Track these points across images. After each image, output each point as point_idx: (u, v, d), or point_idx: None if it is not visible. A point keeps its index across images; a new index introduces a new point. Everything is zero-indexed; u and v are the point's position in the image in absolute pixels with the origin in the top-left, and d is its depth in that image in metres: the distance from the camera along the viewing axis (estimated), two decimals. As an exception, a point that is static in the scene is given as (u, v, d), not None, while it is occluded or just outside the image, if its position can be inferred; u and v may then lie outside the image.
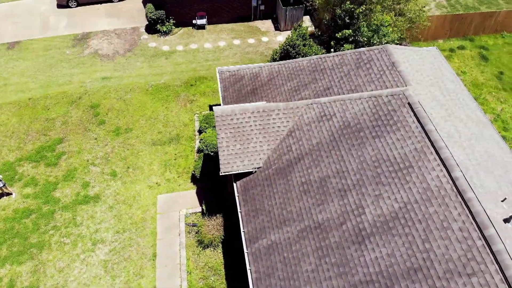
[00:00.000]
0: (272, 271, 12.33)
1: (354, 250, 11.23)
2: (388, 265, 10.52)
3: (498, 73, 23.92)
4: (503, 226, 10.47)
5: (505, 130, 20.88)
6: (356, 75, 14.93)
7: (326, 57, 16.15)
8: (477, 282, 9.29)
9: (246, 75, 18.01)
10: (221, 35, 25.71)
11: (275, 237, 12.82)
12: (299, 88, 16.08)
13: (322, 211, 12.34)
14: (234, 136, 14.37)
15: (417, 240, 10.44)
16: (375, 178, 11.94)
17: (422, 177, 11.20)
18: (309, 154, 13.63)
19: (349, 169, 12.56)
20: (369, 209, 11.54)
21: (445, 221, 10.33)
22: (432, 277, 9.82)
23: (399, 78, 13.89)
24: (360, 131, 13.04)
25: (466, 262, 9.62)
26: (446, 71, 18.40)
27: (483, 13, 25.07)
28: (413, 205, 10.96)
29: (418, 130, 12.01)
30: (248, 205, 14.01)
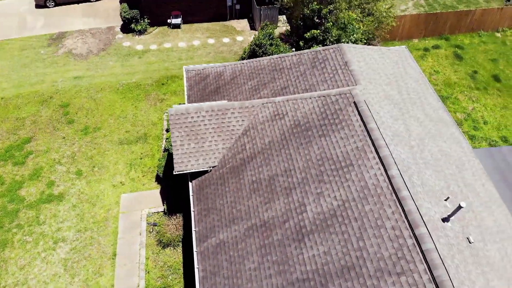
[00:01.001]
0: (218, 269, 12.34)
1: (294, 248, 11.23)
2: (324, 263, 10.52)
3: (472, 72, 23.87)
4: (440, 225, 10.46)
5: (475, 130, 20.84)
6: (311, 74, 14.93)
7: (285, 56, 16.15)
8: (405, 281, 9.28)
9: (211, 74, 18.02)
10: (196, 34, 25.74)
11: (224, 236, 12.82)
12: (259, 87, 16.08)
13: (269, 209, 12.34)
14: (188, 135, 14.38)
15: (352, 238, 10.44)
16: (318, 176, 11.94)
17: (360, 175, 11.20)
18: (261, 153, 13.64)
19: (295, 167, 12.56)
20: (311, 207, 11.54)
21: (379, 219, 10.32)
22: (364, 275, 9.82)
23: (350, 77, 13.88)
24: (308, 130, 13.04)
25: (396, 261, 9.61)
26: (411, 70, 18.39)
27: (458, 12, 25.02)
28: (350, 203, 10.96)
29: (361, 129, 12.00)
30: (201, 204, 14.02)
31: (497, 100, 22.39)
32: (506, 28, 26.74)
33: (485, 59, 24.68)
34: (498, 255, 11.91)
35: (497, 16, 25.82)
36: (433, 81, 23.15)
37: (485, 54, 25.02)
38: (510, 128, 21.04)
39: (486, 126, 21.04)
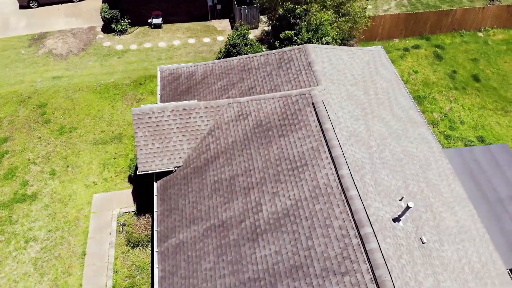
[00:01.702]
0: (176, 269, 12.36)
1: (248, 247, 11.24)
2: (274, 263, 10.53)
3: (452, 72, 23.83)
4: (389, 225, 10.46)
5: (451, 129, 20.80)
6: (277, 74, 14.93)
7: (253, 56, 16.16)
8: (348, 281, 9.28)
9: (183, 73, 18.04)
10: (176, 34, 25.76)
11: (183, 236, 12.84)
12: (228, 87, 16.10)
13: (227, 210, 12.35)
14: (152, 135, 14.40)
15: (302, 237, 10.44)
16: (275, 176, 11.95)
17: (313, 175, 11.20)
18: (224, 153, 13.64)
19: (255, 167, 12.57)
20: (266, 207, 11.55)
21: (328, 218, 10.32)
22: (310, 275, 9.82)
23: (313, 77, 13.87)
24: (269, 130, 13.04)
25: (341, 261, 9.61)
26: (384, 70, 18.39)
27: (438, 12, 24.98)
28: (302, 202, 10.96)
29: (317, 129, 12.00)
30: (165, 204, 14.04)
31: (475, 100, 22.34)
32: (489, 28, 26.69)
33: (465, 59, 24.63)
34: (456, 256, 11.90)
35: (479, 16, 25.76)
36: (411, 81, 23.12)
37: (466, 54, 24.97)
38: (487, 128, 21.00)
39: (462, 126, 21.00)
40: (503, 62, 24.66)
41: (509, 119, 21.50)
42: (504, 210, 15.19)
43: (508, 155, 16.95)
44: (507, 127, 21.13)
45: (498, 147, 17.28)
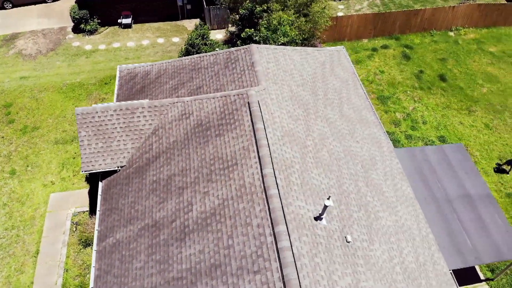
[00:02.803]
0: (111, 268, 12.40)
1: (176, 247, 11.28)
2: (197, 262, 10.57)
3: (418, 71, 23.79)
4: (309, 224, 10.47)
5: (412, 129, 20.77)
6: (223, 74, 14.97)
7: (203, 56, 16.21)
8: (259, 280, 9.31)
9: (139, 73, 18.10)
10: (146, 34, 25.83)
11: (120, 235, 12.88)
12: (178, 87, 16.15)
13: (161, 209, 12.39)
14: (96, 134, 14.45)
15: (224, 236, 10.48)
16: (208, 175, 11.99)
17: (241, 174, 11.24)
18: (165, 153, 13.69)
19: (191, 167, 12.61)
20: (196, 206, 11.59)
21: (248, 217, 10.36)
22: (227, 274, 9.86)
23: (254, 77, 13.91)
24: (208, 129, 13.08)
25: (256, 259, 9.64)
26: (341, 70, 18.42)
27: (407, 12, 24.93)
28: (229, 201, 11.00)
29: (249, 128, 12.03)
30: (107, 203, 14.08)
31: (440, 100, 22.30)
32: (460, 27, 26.62)
33: (433, 59, 24.58)
34: (387, 256, 11.90)
35: (449, 15, 25.71)
36: (376, 81, 23.10)
37: (435, 54, 24.92)
38: (449, 128, 20.97)
39: (424, 126, 20.97)
40: (472, 62, 24.61)
41: (473, 118, 21.46)
42: (452, 210, 15.17)
43: (461, 155, 16.92)
44: (471, 126, 21.09)
45: (453, 147, 17.26)
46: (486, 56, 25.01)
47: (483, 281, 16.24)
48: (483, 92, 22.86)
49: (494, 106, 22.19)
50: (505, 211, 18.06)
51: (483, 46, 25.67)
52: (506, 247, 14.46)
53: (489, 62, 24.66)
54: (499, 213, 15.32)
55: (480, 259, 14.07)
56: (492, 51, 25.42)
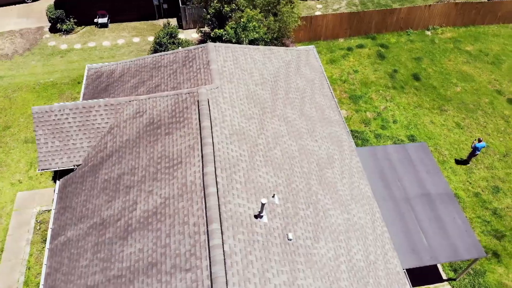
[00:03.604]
0: (60, 266, 12.44)
1: (118, 245, 11.30)
2: (136, 260, 10.58)
3: (392, 71, 23.75)
4: (247, 222, 10.46)
5: (382, 128, 20.74)
6: (180, 73, 14.99)
7: (164, 54, 16.23)
8: (190, 278, 9.32)
9: (105, 72, 18.12)
10: (122, 33, 25.88)
11: (70, 233, 12.91)
12: (138, 85, 16.17)
13: (109, 208, 12.41)
14: (53, 133, 14.47)
15: (163, 235, 10.49)
16: (154, 174, 12.00)
17: (184, 173, 11.25)
18: (118, 151, 13.70)
19: (140, 165, 12.62)
20: (140, 205, 11.60)
21: (186, 216, 10.37)
22: (162, 272, 9.87)
23: (209, 76, 13.92)
24: (158, 128, 13.10)
25: (189, 257, 9.65)
26: (308, 70, 18.42)
27: (382, 11, 24.89)
28: (170, 200, 11.01)
29: (196, 127, 12.05)
30: (62, 202, 14.11)
31: (412, 99, 22.26)
32: (437, 26, 26.57)
33: (408, 58, 24.54)
34: (333, 254, 11.88)
35: (426, 14, 25.66)
36: (350, 81, 23.08)
37: (410, 53, 24.88)
38: (420, 127, 20.93)
39: (395, 125, 20.94)
40: (447, 61, 24.55)
41: (445, 117, 21.42)
42: (410, 209, 15.14)
43: (424, 154, 16.90)
44: (441, 126, 21.05)
45: (416, 146, 17.23)
46: (462, 55, 24.95)
47: (445, 281, 16.21)
48: (456, 91, 22.81)
49: (467, 105, 22.14)
50: (472, 210, 18.03)
51: (460, 45, 25.60)
52: (463, 246, 14.44)
53: (465, 61, 24.60)
54: (459, 212, 15.29)
55: (435, 258, 14.04)
56: (468, 50, 25.36)
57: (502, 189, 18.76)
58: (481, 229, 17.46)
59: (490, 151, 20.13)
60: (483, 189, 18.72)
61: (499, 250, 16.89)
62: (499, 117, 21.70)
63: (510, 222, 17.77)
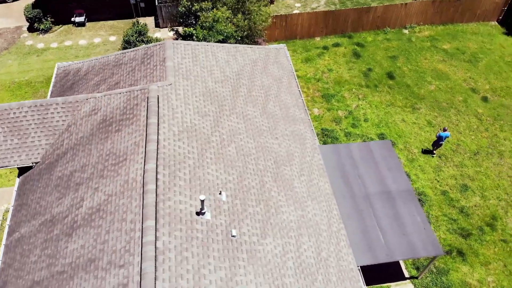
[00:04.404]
0: (13, 262, 12.49)
1: (64, 242, 11.34)
2: (77, 256, 10.62)
3: (367, 69, 23.73)
4: (187, 219, 10.48)
5: (353, 127, 20.73)
6: (138, 70, 15.04)
7: (126, 52, 16.28)
8: (122, 274, 9.35)
9: (72, 70, 18.19)
10: (99, 32, 25.95)
11: (24, 230, 12.96)
12: (100, 83, 16.23)
13: (59, 205, 12.45)
14: (11, 130, 14.52)
15: (103, 231, 10.53)
16: (101, 171, 12.04)
17: (128, 170, 11.28)
18: (72, 149, 13.74)
19: (90, 163, 12.66)
20: (86, 202, 11.64)
21: (125, 212, 10.40)
22: (99, 268, 9.90)
23: (164, 73, 13.96)
24: (110, 125, 13.14)
25: (123, 254, 9.68)
26: (275, 68, 18.43)
27: (358, 9, 24.86)
28: (113, 197, 11.04)
29: (144, 124, 12.08)
30: (20, 199, 14.16)
31: (385, 97, 22.24)
32: (415, 25, 26.53)
33: (384, 57, 24.51)
34: (280, 250, 11.88)
35: (402, 13, 25.62)
36: (323, 80, 23.07)
37: (386, 52, 24.85)
38: (391, 125, 20.90)
39: (366, 123, 20.92)
40: (423, 59, 24.52)
41: (416, 116, 21.39)
42: (369, 206, 15.13)
43: (388, 151, 16.87)
44: (413, 124, 21.02)
45: (380, 143, 17.21)
46: (439, 54, 24.91)
47: (407, 279, 16.19)
48: (430, 90, 22.78)
49: (440, 103, 22.10)
50: (439, 208, 18.00)
51: (437, 43, 25.56)
52: (421, 244, 14.41)
53: (440, 59, 24.55)
54: (418, 210, 15.26)
55: (391, 256, 14.02)
56: (445, 48, 25.31)
57: (471, 188, 18.72)
58: (447, 228, 17.43)
59: (461, 149, 20.10)
60: (451, 187, 18.68)
61: (464, 249, 16.86)
62: (472, 115, 21.65)
63: (478, 220, 17.73)
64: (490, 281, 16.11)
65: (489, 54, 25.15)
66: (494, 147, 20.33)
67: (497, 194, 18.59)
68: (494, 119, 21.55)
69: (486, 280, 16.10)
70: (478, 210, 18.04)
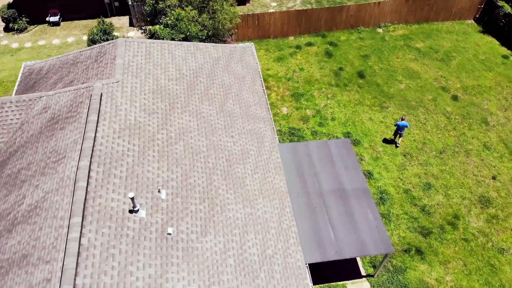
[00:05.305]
0: (-43, 260, 12.57)
1: (5, 238, 11.40)
2: (14, 252, 10.69)
3: (338, 69, 23.73)
4: (118, 216, 10.53)
5: (320, 126, 20.75)
6: (92, 68, 15.10)
7: (83, 50, 16.36)
8: (47, 269, 9.42)
9: (36, 69, 18.29)
10: (73, 31, 26.05)
11: (-29, 227, 13.05)
12: (57, 81, 16.31)
13: (5, 202, 12.51)
14: (-36, 129, 14.64)
15: (37, 228, 10.60)
16: (43, 169, 12.10)
17: (64, 167, 11.35)
18: (23, 146, 13.81)
19: (35, 160, 12.72)
20: (27, 199, 11.70)
21: (58, 209, 10.47)
22: (29, 264, 9.97)
23: (113, 71, 14.02)
24: (56, 123, 13.21)
25: (51, 250, 9.75)
26: (240, 67, 18.48)
27: (330, 9, 24.87)
28: (49, 194, 11.11)
29: (84, 121, 12.14)
30: (-28, 196, 14.27)
31: (354, 96, 22.24)
32: (389, 23, 26.52)
33: (356, 56, 24.51)
34: (220, 248, 11.91)
35: (376, 12, 25.62)
36: (294, 79, 23.09)
37: (358, 51, 24.85)
38: (357, 124, 20.91)
39: (333, 122, 20.93)
40: (395, 58, 24.51)
41: (384, 114, 21.39)
42: (322, 204, 15.14)
43: (346, 150, 16.88)
44: (380, 123, 21.02)
45: (338, 142, 17.22)
46: (411, 52, 24.90)
47: (364, 277, 16.20)
48: (400, 88, 22.77)
49: (409, 102, 22.10)
50: (400, 207, 18.00)
51: (410, 42, 25.55)
52: (372, 242, 14.41)
53: (413, 58, 24.54)
54: (372, 208, 15.26)
55: (340, 253, 14.03)
56: (418, 47, 25.30)
57: (434, 186, 18.71)
58: (407, 226, 17.42)
59: (427, 148, 20.09)
60: (414, 185, 18.68)
61: (423, 247, 16.85)
62: (441, 114, 21.64)
63: (439, 219, 17.72)
64: (449, 280, 16.09)
65: (463, 53, 25.13)
66: (461, 145, 20.31)
67: (461, 193, 18.57)
68: (463, 118, 21.53)
69: (444, 279, 16.09)
70: (440, 208, 18.03)
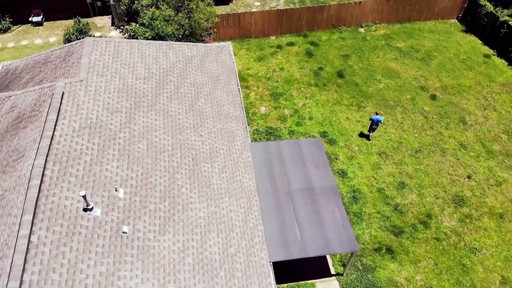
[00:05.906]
0: None
1: (-38, 237, 11.48)
2: (-33, 251, 10.75)
3: (318, 68, 23.76)
4: (71, 215, 10.58)
5: (297, 125, 20.78)
6: (60, 67, 15.18)
7: (55, 50, 16.43)
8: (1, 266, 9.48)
9: (11, 69, 18.36)
10: (56, 31, 26.14)
11: None
12: (29, 81, 16.37)
13: (-33, 200, 12.60)
14: None
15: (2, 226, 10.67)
16: (5, 167, 12.16)
17: (22, 166, 11.40)
18: (-11, 145, 13.90)
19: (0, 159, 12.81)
20: (-14, 198, 11.77)
21: (12, 207, 10.53)
22: None
23: (78, 69, 14.07)
24: (21, 122, 13.26)
25: (3, 247, 9.83)
26: (215, 66, 18.52)
27: (311, 8, 24.90)
28: (7, 192, 11.17)
29: (44, 120, 12.19)
30: None
31: (332, 96, 22.26)
32: (371, 23, 26.54)
33: (336, 55, 24.54)
34: (179, 247, 11.95)
35: (357, 11, 25.65)
36: (274, 78, 23.13)
37: (339, 50, 24.87)
38: (334, 123, 20.93)
39: (310, 121, 20.96)
40: (375, 58, 24.53)
41: (361, 114, 21.41)
42: (290, 203, 15.18)
43: (317, 149, 16.92)
44: (356, 122, 21.04)
45: (310, 141, 17.25)
46: (392, 52, 24.92)
47: (333, 275, 16.22)
48: (379, 88, 22.79)
49: (387, 101, 22.12)
50: (373, 205, 18.02)
51: (392, 42, 25.56)
52: (338, 240, 14.43)
53: (393, 58, 24.56)
54: (339, 206, 15.29)
55: (305, 252, 14.06)
56: (399, 46, 25.31)
57: (409, 185, 18.73)
58: (379, 225, 17.45)
59: (402, 147, 20.11)
60: (388, 184, 18.70)
61: (394, 246, 16.87)
62: (419, 113, 21.65)
63: (411, 218, 17.74)
64: (418, 279, 16.11)
65: (444, 52, 25.14)
66: (437, 145, 20.32)
67: (434, 192, 18.59)
68: (441, 117, 21.54)
69: (414, 278, 16.11)
70: (413, 207, 18.04)
